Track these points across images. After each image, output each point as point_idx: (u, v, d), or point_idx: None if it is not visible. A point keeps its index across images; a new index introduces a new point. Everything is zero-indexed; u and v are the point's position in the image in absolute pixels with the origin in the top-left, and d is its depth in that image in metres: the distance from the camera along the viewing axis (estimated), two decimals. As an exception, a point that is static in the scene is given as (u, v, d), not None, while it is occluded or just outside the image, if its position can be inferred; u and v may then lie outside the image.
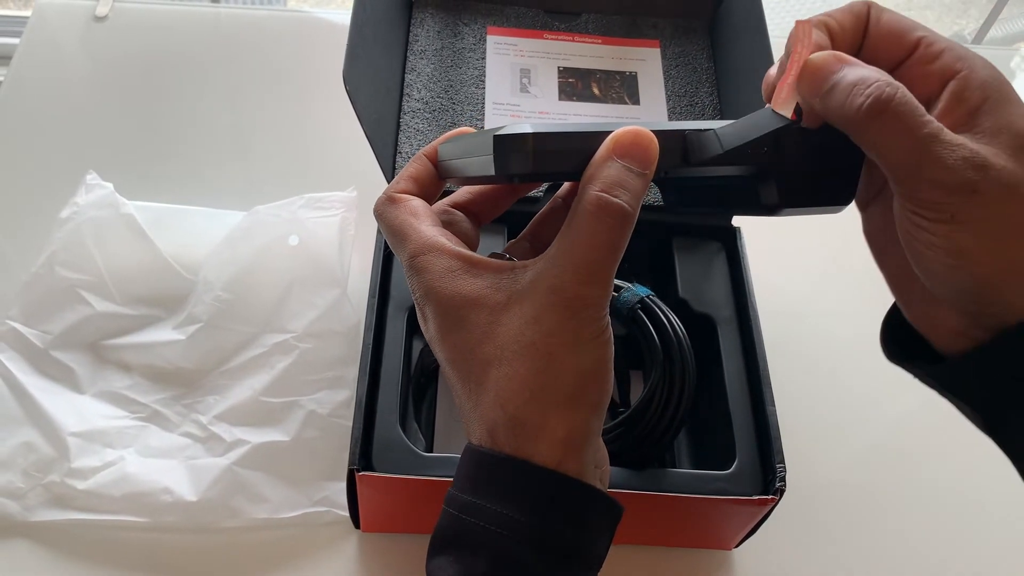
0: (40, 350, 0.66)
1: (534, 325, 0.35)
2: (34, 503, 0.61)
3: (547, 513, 0.35)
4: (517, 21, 0.75)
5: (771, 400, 0.58)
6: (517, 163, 0.35)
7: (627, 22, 0.76)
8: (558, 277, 0.35)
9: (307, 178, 0.80)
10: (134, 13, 0.96)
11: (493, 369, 0.35)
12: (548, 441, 0.35)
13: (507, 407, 0.35)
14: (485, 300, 0.36)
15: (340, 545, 0.62)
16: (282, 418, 0.65)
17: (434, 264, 0.37)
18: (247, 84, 0.92)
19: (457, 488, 0.36)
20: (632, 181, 0.34)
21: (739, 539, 0.61)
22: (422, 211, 0.39)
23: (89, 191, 0.72)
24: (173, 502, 0.61)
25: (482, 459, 0.36)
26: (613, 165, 0.35)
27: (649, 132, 0.35)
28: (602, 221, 0.34)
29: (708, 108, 0.72)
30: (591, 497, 0.36)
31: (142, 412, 0.66)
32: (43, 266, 0.68)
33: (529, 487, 0.35)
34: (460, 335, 0.36)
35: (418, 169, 0.41)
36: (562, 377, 0.35)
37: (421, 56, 0.72)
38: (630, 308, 0.58)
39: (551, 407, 0.35)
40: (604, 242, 0.34)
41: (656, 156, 0.35)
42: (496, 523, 0.34)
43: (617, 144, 0.35)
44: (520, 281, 0.36)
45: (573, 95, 0.72)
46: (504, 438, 0.35)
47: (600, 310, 0.35)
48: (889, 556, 0.65)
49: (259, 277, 0.69)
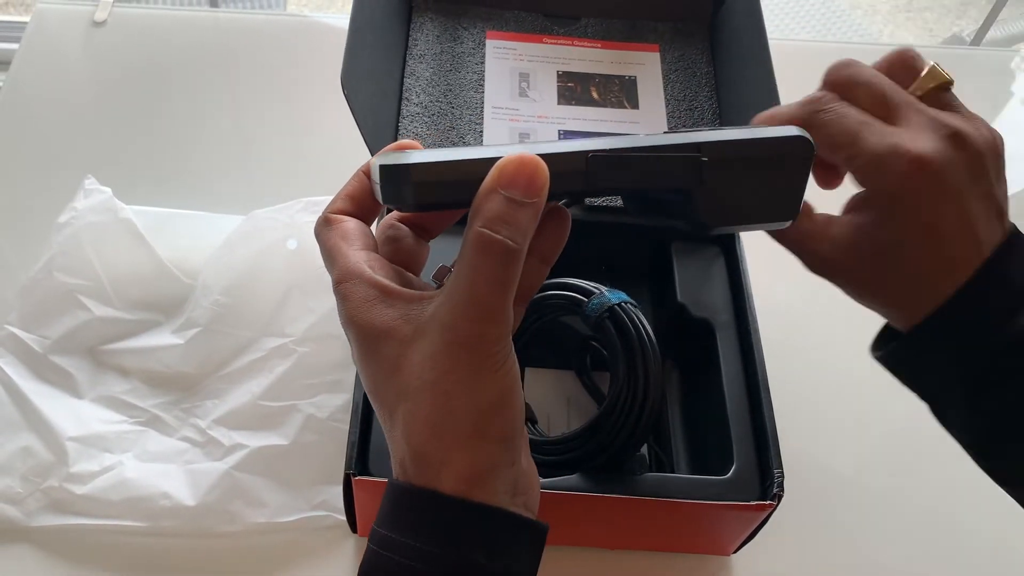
0: (39, 355, 0.67)
1: (431, 362, 0.34)
2: (33, 508, 0.61)
3: (458, 542, 0.34)
4: (517, 25, 0.76)
5: (769, 405, 0.58)
6: (402, 195, 0.34)
7: (627, 26, 0.76)
8: (450, 315, 0.34)
9: (305, 182, 0.80)
10: (133, 18, 0.96)
11: (401, 403, 0.35)
12: (451, 476, 0.34)
13: (412, 441, 0.35)
14: (395, 332, 0.35)
15: (337, 550, 0.63)
16: (281, 422, 0.65)
17: (354, 292, 0.36)
18: (245, 88, 0.92)
19: (377, 522, 0.36)
20: (516, 213, 0.33)
21: (737, 544, 0.61)
22: (353, 234, 0.38)
23: (87, 196, 0.72)
24: (172, 507, 0.61)
25: (396, 492, 0.36)
26: (495, 198, 0.33)
27: (534, 158, 0.34)
28: (486, 258, 0.33)
29: (707, 112, 0.72)
30: (505, 521, 0.35)
31: (141, 417, 0.66)
32: (42, 271, 0.69)
33: (438, 517, 0.35)
34: (374, 366, 0.36)
35: (355, 187, 0.40)
36: (460, 415, 0.34)
37: (420, 60, 0.72)
38: (597, 316, 0.58)
39: (452, 444, 0.34)
40: (490, 279, 0.33)
41: (544, 183, 0.34)
42: (411, 557, 0.34)
43: (501, 174, 0.34)
44: (424, 314, 0.35)
45: (572, 99, 0.72)
46: (412, 471, 0.35)
47: (495, 344, 0.34)
48: (888, 561, 0.65)
49: (257, 281, 0.69)
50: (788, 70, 0.63)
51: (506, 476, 0.36)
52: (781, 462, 0.55)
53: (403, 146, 0.39)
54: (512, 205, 0.33)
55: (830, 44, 1.45)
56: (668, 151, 0.35)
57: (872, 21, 2.42)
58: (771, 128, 0.38)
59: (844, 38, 1.77)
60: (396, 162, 0.34)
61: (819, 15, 1.77)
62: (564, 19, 0.76)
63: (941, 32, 2.44)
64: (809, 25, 1.75)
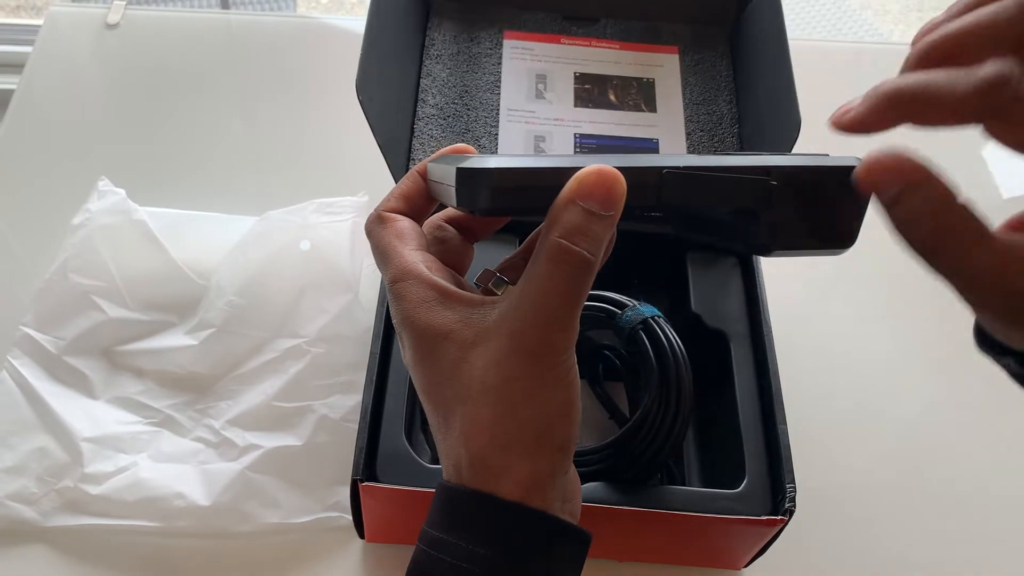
0: (54, 356, 0.67)
1: (495, 369, 0.34)
2: (48, 508, 0.62)
3: (512, 547, 0.35)
4: (535, 26, 0.75)
5: (783, 418, 0.57)
6: (478, 198, 0.34)
7: (646, 28, 0.76)
8: (519, 322, 0.34)
9: (318, 183, 0.81)
10: (145, 20, 0.97)
11: (459, 406, 0.35)
12: (511, 482, 0.35)
13: (470, 446, 0.35)
14: (455, 335, 0.36)
15: (351, 551, 0.63)
16: (294, 423, 0.66)
17: (411, 292, 0.37)
18: (257, 90, 0.93)
19: (428, 523, 0.37)
20: (593, 226, 0.34)
21: (749, 558, 0.61)
22: (408, 233, 0.39)
23: (101, 197, 0.73)
24: (186, 507, 0.61)
25: (449, 494, 0.36)
26: (574, 209, 0.34)
27: (614, 170, 0.34)
28: (561, 268, 0.34)
29: (726, 117, 0.71)
30: (557, 529, 0.36)
31: (155, 417, 0.67)
32: (56, 273, 0.69)
33: (493, 521, 0.35)
34: (431, 367, 0.36)
35: (409, 187, 0.40)
36: (523, 423, 0.35)
37: (437, 61, 0.72)
38: (632, 328, 0.58)
39: (513, 451, 0.35)
40: (563, 290, 0.34)
41: (621, 196, 0.34)
42: (462, 558, 0.34)
43: (580, 185, 0.34)
44: (487, 319, 0.35)
45: (589, 101, 0.71)
46: (468, 475, 0.35)
47: (561, 355, 0.35)
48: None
49: (271, 282, 0.70)
50: (798, 69, 0.62)
51: (561, 484, 0.36)
52: (794, 477, 0.55)
53: (458, 150, 0.39)
54: (590, 217, 0.34)
55: (840, 44, 1.44)
56: (740, 172, 0.35)
57: (883, 21, 2.38)
58: (834, 157, 0.38)
59: (855, 37, 1.75)
60: (476, 165, 0.34)
61: (829, 15, 1.76)
62: (583, 20, 0.76)
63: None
64: (819, 24, 1.74)
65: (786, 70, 0.62)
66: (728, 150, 0.69)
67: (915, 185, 0.31)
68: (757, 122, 0.68)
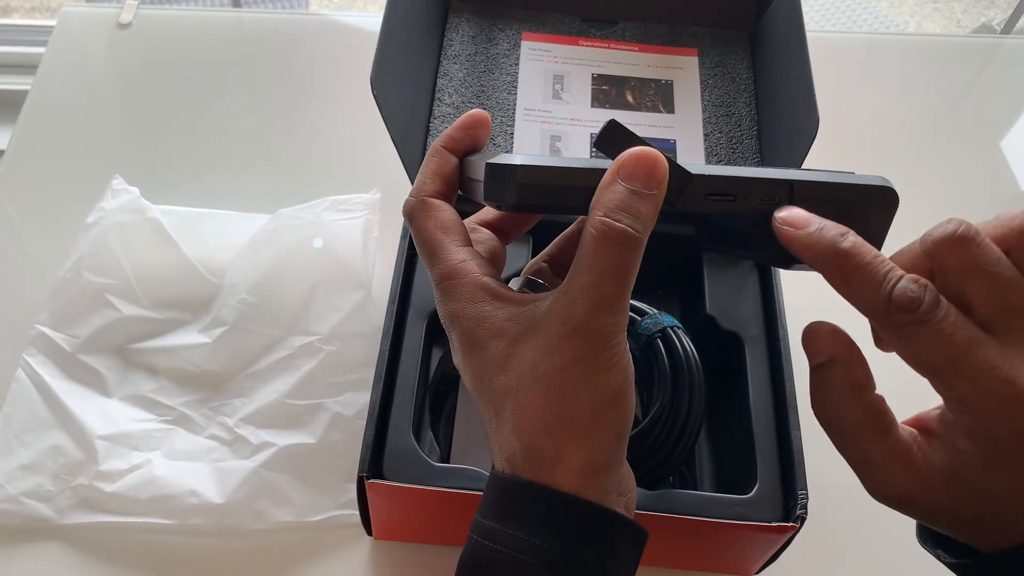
0: (68, 354, 0.69)
1: (547, 358, 0.35)
2: (63, 506, 0.63)
3: (568, 539, 0.35)
4: (553, 28, 0.76)
5: (796, 424, 0.57)
6: (505, 193, 0.36)
7: (666, 30, 0.77)
8: (568, 307, 0.35)
9: (330, 180, 0.83)
10: (157, 19, 0.99)
11: (510, 399, 0.36)
12: (566, 471, 0.35)
13: (523, 437, 0.36)
14: (505, 332, 0.37)
15: (353, 551, 0.64)
16: (307, 420, 0.67)
17: (461, 291, 0.38)
18: (270, 88, 0.94)
19: (481, 514, 0.37)
20: (637, 204, 0.34)
21: (760, 565, 0.61)
22: (452, 227, 0.40)
23: (115, 196, 0.74)
24: (199, 504, 0.63)
25: (503, 485, 0.37)
26: (617, 188, 0.35)
27: (654, 151, 0.35)
28: (607, 247, 0.34)
29: (745, 120, 0.72)
30: (614, 522, 0.36)
31: (169, 415, 0.68)
32: (70, 271, 0.71)
33: (549, 513, 0.35)
34: (481, 363, 0.37)
35: (439, 163, 0.41)
36: (577, 410, 0.35)
37: (454, 61, 0.73)
38: (650, 336, 0.59)
39: (567, 439, 0.35)
40: (611, 269, 0.34)
41: (664, 176, 0.35)
42: (518, 549, 0.35)
43: (621, 166, 0.35)
44: (537, 313, 0.36)
45: (606, 102, 0.72)
46: (522, 467, 0.36)
47: (613, 338, 0.35)
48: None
49: (284, 280, 0.71)
50: (813, 62, 0.63)
51: (616, 475, 0.37)
52: (806, 483, 0.55)
53: (474, 116, 0.41)
54: (633, 196, 0.35)
55: (856, 35, 1.44)
56: (768, 184, 0.37)
57: (899, 12, 2.37)
58: (860, 175, 0.39)
59: (870, 29, 1.75)
60: (504, 162, 0.35)
61: (844, 6, 1.76)
62: (602, 23, 0.77)
63: (969, 22, 2.39)
64: (834, 16, 1.74)
65: (805, 72, 0.63)
66: (747, 154, 0.70)
67: (840, 361, 0.37)
68: (776, 124, 0.68)
